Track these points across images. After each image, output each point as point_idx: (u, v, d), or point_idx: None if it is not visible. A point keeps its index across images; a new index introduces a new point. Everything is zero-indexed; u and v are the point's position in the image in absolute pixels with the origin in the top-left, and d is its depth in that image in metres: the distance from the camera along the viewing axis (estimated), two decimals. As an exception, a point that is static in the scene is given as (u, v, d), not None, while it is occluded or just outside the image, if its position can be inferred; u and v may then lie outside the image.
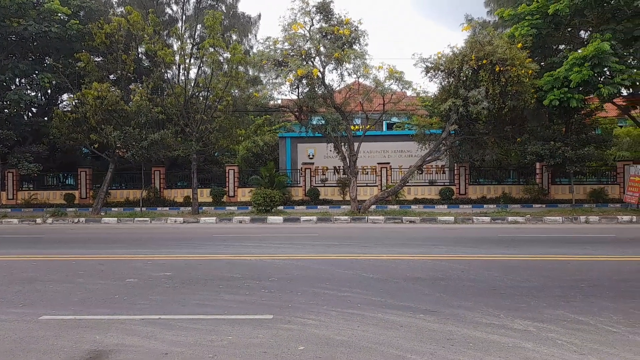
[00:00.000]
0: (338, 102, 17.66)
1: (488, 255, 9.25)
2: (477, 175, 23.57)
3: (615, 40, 16.57)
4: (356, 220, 16.38)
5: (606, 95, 16.21)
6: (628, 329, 4.93)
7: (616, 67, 15.86)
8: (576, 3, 16.53)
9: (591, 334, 4.81)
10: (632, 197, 17.30)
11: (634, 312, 5.50)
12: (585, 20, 19.08)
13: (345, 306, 5.88)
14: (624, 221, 15.58)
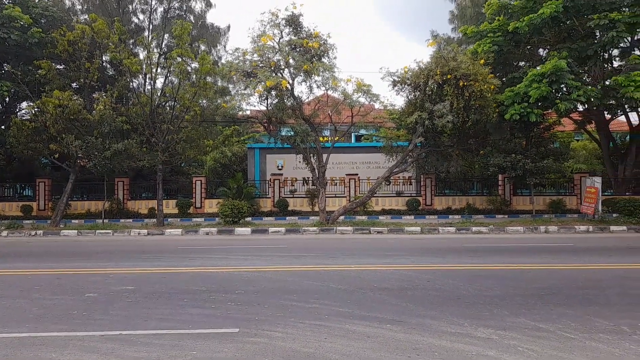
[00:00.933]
0: (307, 114, 17.75)
1: (453, 265, 9.43)
2: (442, 187, 24.07)
3: (571, 58, 17.40)
4: (325, 231, 16.40)
5: (563, 110, 16.94)
6: (585, 335, 5.11)
7: (572, 84, 16.63)
8: (535, 22, 17.29)
9: (550, 341, 4.96)
10: (588, 208, 18.05)
11: (590, 318, 5.71)
12: (544, 38, 20.00)
13: (313, 318, 5.85)
14: (581, 231, 16.22)
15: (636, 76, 15.85)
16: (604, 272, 8.62)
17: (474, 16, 28.80)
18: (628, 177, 22.15)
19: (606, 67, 20.41)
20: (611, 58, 20.73)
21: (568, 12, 17.34)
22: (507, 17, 19.58)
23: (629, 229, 16.21)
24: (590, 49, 17.62)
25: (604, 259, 10.04)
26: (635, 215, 17.36)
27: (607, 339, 4.99)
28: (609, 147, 23.60)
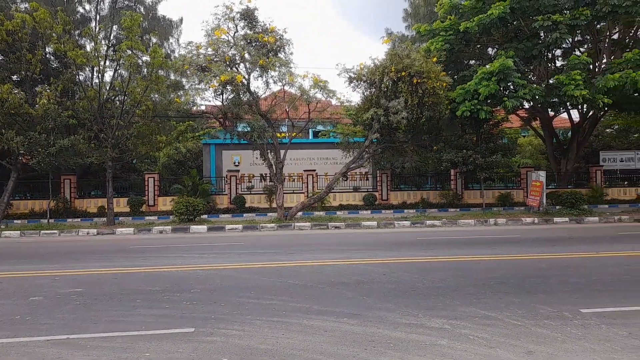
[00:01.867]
0: (264, 109, 17.59)
1: (408, 258, 9.65)
2: (398, 182, 24.57)
3: (518, 58, 18.17)
4: (283, 227, 16.35)
5: (510, 107, 17.69)
6: (530, 322, 5.38)
7: (519, 82, 17.39)
8: (484, 22, 17.92)
9: (499, 328, 5.18)
10: (533, 201, 18.98)
11: (536, 306, 6.01)
12: (492, 38, 20.78)
13: (270, 314, 5.83)
14: (527, 223, 17.04)
15: (576, 75, 16.77)
16: (548, 262, 9.09)
17: (427, 15, 29.53)
18: (570, 171, 23.46)
19: (550, 66, 21.51)
20: (554, 58, 21.85)
21: (515, 13, 18.08)
22: (458, 17, 20.19)
23: (570, 220, 17.19)
24: (535, 49, 18.47)
25: (548, 249, 10.60)
26: (576, 207, 18.43)
27: (550, 324, 5.27)
28: (552, 142, 24.89)
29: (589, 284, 7.10)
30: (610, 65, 17.86)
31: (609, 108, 20.47)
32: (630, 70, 16.33)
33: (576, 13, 17.20)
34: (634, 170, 24.88)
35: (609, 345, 4.62)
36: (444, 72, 17.60)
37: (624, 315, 5.54)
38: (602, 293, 6.59)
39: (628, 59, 16.71)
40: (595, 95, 16.90)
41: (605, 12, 16.86)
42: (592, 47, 21.50)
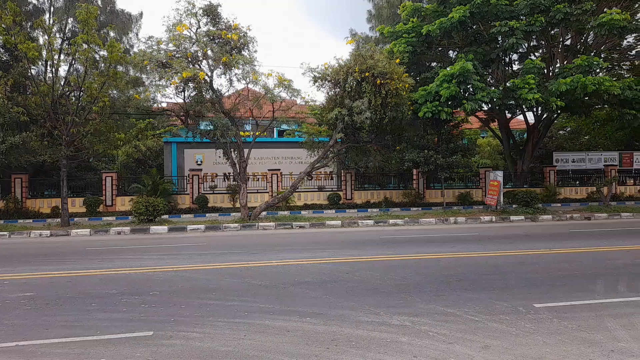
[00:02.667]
0: (227, 108, 17.33)
1: (371, 257, 9.76)
2: (362, 181, 24.81)
3: (477, 61, 18.73)
4: (246, 227, 16.18)
5: (469, 109, 18.21)
6: (487, 317, 5.55)
7: (478, 85, 17.92)
8: (445, 26, 18.37)
9: (458, 324, 5.32)
10: (491, 200, 19.62)
11: (492, 301, 6.21)
12: (453, 41, 21.33)
13: (232, 316, 5.75)
14: (485, 221, 17.58)
15: (530, 79, 17.45)
16: (504, 259, 9.42)
17: (390, 17, 29.98)
18: (525, 171, 24.40)
19: (507, 70, 22.28)
20: (511, 62, 22.66)
21: (474, 18, 18.62)
22: (421, 20, 20.61)
23: (525, 219, 17.87)
24: (494, 53, 19.10)
25: (505, 247, 10.97)
26: (531, 206, 19.17)
27: (505, 319, 5.46)
28: (509, 143, 25.81)
29: (543, 280, 7.40)
30: (563, 70, 18.69)
31: (561, 111, 21.42)
32: (580, 75, 17.13)
33: (531, 19, 17.89)
34: (584, 170, 26.15)
35: (559, 338, 4.83)
36: (406, 73, 17.89)
37: (574, 310, 5.81)
38: (554, 288, 6.88)
39: (578, 65, 17.54)
40: (549, 99, 17.64)
41: (558, 19, 17.63)
42: (546, 52, 22.43)
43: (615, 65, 22.79)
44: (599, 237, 12.57)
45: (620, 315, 5.55)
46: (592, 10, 17.50)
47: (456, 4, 18.73)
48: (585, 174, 25.95)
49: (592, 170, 25.61)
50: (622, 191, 24.98)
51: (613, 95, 17.71)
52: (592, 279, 7.36)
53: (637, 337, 4.82)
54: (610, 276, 7.57)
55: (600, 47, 21.11)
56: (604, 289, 6.77)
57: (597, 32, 17.62)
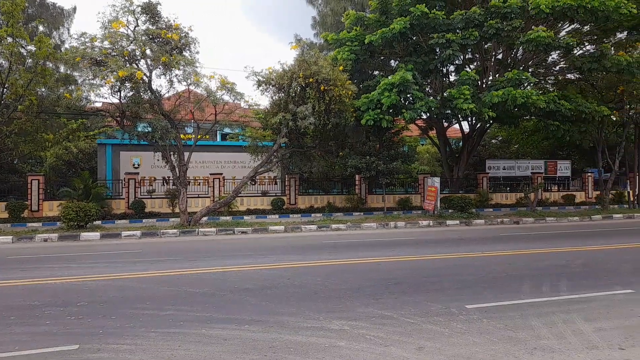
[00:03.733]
0: (167, 109, 16.76)
1: (313, 262, 9.78)
2: (306, 186, 24.86)
3: (417, 71, 19.41)
4: (186, 233, 15.69)
5: (409, 118, 18.82)
6: (422, 319, 5.71)
7: (417, 95, 18.57)
8: (386, 36, 18.89)
9: (394, 327, 5.43)
10: (429, 205, 20.36)
11: (428, 303, 6.41)
12: (394, 51, 21.97)
13: (167, 325, 5.53)
14: (423, 225, 18.20)
15: (465, 90, 18.33)
16: (440, 262, 9.78)
17: (334, 24, 30.43)
18: (461, 177, 25.54)
19: (444, 80, 23.27)
20: (448, 73, 23.68)
21: (414, 29, 19.30)
22: (364, 29, 21.07)
23: (460, 223, 18.69)
24: (432, 64, 19.88)
25: (441, 250, 11.40)
26: (465, 211, 20.10)
27: (439, 321, 5.65)
28: (446, 151, 26.93)
29: (475, 282, 7.75)
30: (495, 82, 19.79)
31: (493, 121, 22.67)
32: (511, 88, 18.21)
33: (467, 33, 18.81)
34: (514, 177, 27.79)
35: (488, 338, 5.06)
36: (349, 80, 18.20)
37: (502, 309, 6.12)
38: (485, 289, 7.22)
39: (509, 78, 18.64)
40: (482, 109, 18.60)
41: (490, 34, 18.67)
42: (480, 65, 23.67)
43: (541, 79, 24.46)
44: (526, 240, 13.38)
45: (543, 314, 5.92)
46: (521, 27, 18.69)
47: (397, 16, 19.32)
48: (514, 181, 27.58)
49: (520, 177, 27.27)
50: (547, 197, 26.80)
51: (539, 108, 18.97)
52: (520, 280, 7.81)
53: (557, 335, 5.16)
54: (535, 277, 8.07)
55: (528, 62, 22.59)
56: (530, 290, 7.20)
57: (526, 48, 18.83)
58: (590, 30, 21.47)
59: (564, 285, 7.46)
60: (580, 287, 7.32)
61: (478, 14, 18.61)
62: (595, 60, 19.22)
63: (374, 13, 21.16)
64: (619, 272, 8.53)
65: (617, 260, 9.73)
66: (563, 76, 23.95)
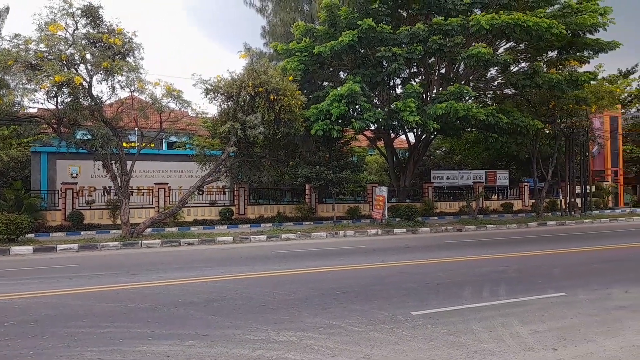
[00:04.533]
0: (109, 116, 16.06)
1: (261, 273, 9.65)
2: (256, 196, 24.60)
3: (365, 83, 19.85)
4: (128, 245, 15.02)
5: (357, 128, 19.17)
6: (369, 327, 5.77)
7: (365, 106, 18.96)
8: (335, 48, 19.20)
9: (342, 336, 5.44)
10: (377, 214, 20.76)
11: (375, 311, 6.49)
12: (343, 63, 22.36)
13: (104, 344, 5.24)
14: (372, 234, 18.50)
15: (411, 102, 18.94)
16: (388, 270, 9.95)
17: (284, 34, 30.55)
18: (407, 187, 26.25)
19: (391, 93, 23.94)
20: (395, 85, 24.39)
21: (362, 42, 19.75)
22: (313, 40, 21.31)
23: (407, 231, 19.17)
24: (379, 76, 20.41)
25: (388, 258, 11.62)
26: (412, 219, 20.64)
27: (386, 328, 5.73)
28: (393, 161, 27.62)
29: (420, 288, 7.95)
30: (439, 95, 20.60)
31: (438, 132, 23.53)
32: (453, 101, 19.02)
33: (412, 48, 19.49)
34: (457, 186, 28.93)
35: (432, 343, 5.19)
36: (299, 91, 18.28)
37: (445, 315, 6.30)
38: (430, 296, 7.41)
39: (452, 92, 19.46)
40: (427, 121, 19.27)
41: (434, 49, 19.44)
42: (425, 78, 24.57)
43: (481, 94, 25.74)
44: (468, 247, 13.92)
45: (484, 318, 6.15)
46: (463, 43, 19.62)
47: (345, 28, 19.71)
48: (457, 190, 28.71)
49: (463, 187, 28.44)
50: (488, 205, 28.09)
51: (479, 121, 19.93)
52: (462, 286, 8.09)
53: (497, 338, 5.37)
54: (476, 283, 8.39)
55: (469, 77, 23.72)
56: (471, 295, 7.47)
57: (467, 63, 19.77)
58: (525, 48, 22.90)
59: (503, 290, 7.81)
60: (517, 291, 7.69)
61: (422, 30, 19.34)
62: (529, 77, 20.50)
63: (323, 25, 21.47)
64: (552, 277, 9.05)
65: (550, 265, 10.33)
66: (501, 91, 25.31)
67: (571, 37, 20.62)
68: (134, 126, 17.48)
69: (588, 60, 22.45)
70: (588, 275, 9.05)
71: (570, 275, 9.07)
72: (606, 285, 8.11)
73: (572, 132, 26.58)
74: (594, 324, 5.88)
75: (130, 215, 16.60)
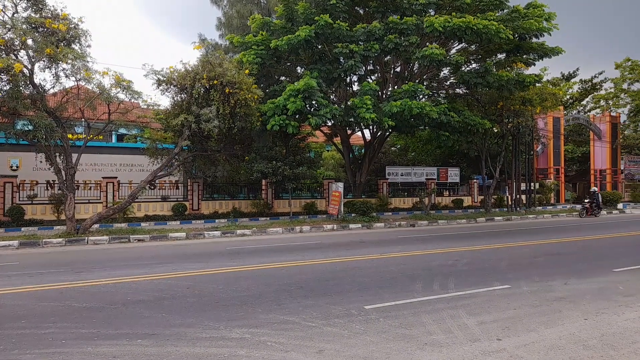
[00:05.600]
0: (53, 106, 15.22)
1: (215, 269, 9.48)
2: (211, 191, 24.12)
3: (322, 79, 19.86)
4: (74, 242, 14.33)
5: (314, 124, 19.18)
6: (323, 322, 5.80)
7: (322, 102, 18.99)
8: (292, 43, 19.09)
9: (295, 331, 5.44)
10: (333, 209, 20.91)
11: (329, 306, 6.52)
12: (300, 58, 22.28)
13: (46, 345, 4.97)
14: (328, 229, 18.62)
15: (367, 100, 19.16)
16: (342, 264, 10.04)
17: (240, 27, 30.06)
18: (363, 182, 26.59)
19: (348, 89, 24.13)
20: (351, 82, 24.60)
21: (319, 38, 19.76)
22: (270, 34, 21.09)
23: (362, 226, 19.44)
24: (336, 73, 20.49)
25: (343, 253, 11.73)
26: (367, 215, 20.95)
27: (340, 323, 5.77)
28: (350, 157, 27.89)
29: (374, 283, 8.07)
30: (394, 93, 20.97)
31: (393, 130, 23.97)
32: (408, 99, 19.42)
33: (368, 46, 19.71)
34: (411, 183, 29.63)
35: (384, 337, 5.28)
36: (255, 85, 18.05)
37: (398, 309, 6.44)
38: (383, 290, 7.55)
39: (406, 90, 19.86)
40: (382, 118, 19.58)
41: (390, 48, 19.75)
42: (381, 76, 24.94)
43: (434, 93, 26.45)
44: (421, 242, 14.29)
45: (433, 311, 6.33)
46: (417, 43, 20.05)
47: (303, 23, 19.64)
48: (411, 186, 29.41)
49: (416, 183, 29.16)
50: (440, 201, 28.97)
51: (432, 119, 20.44)
52: (414, 280, 8.29)
53: (446, 330, 5.55)
54: (428, 277, 8.62)
55: (423, 76, 24.29)
56: (422, 289, 7.67)
57: (421, 63, 20.22)
58: (476, 50, 23.71)
59: (452, 283, 8.07)
60: (466, 284, 7.98)
61: (378, 28, 19.59)
62: (481, 76, 21.24)
63: (280, 19, 21.30)
64: (498, 270, 9.46)
65: (496, 259, 10.79)
66: (453, 90, 26.11)
67: (518, 40, 21.54)
68: (80, 117, 16.65)
69: (534, 63, 23.55)
70: (531, 268, 9.52)
71: (515, 268, 9.51)
72: (547, 277, 8.57)
73: (518, 131, 27.84)
74: (535, 314, 6.19)
75: (76, 211, 15.85)
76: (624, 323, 5.79)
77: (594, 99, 44.23)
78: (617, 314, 6.17)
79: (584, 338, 5.25)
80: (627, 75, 37.44)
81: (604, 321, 5.87)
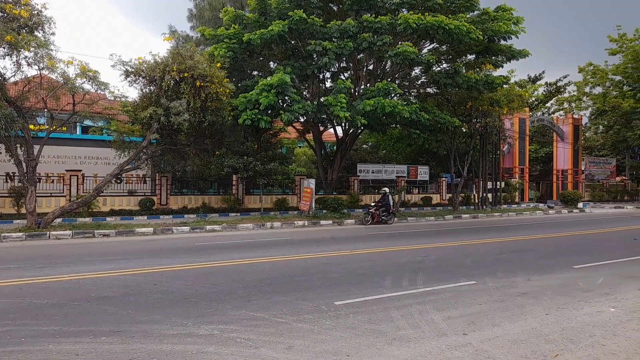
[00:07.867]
0: (13, 96, 14.59)
1: (183, 265, 9.32)
2: (180, 186, 23.69)
3: (295, 75, 19.78)
4: (34, 237, 13.80)
5: (286, 120, 19.09)
6: (293, 318, 5.79)
7: (294, 97, 18.91)
8: (265, 37, 18.93)
9: (265, 328, 5.41)
10: (305, 205, 20.90)
11: (299, 302, 6.52)
12: (273, 53, 22.13)
13: (4, 344, 4.79)
14: (299, 225, 18.60)
15: (342, 98, 19.19)
16: (313, 261, 10.05)
17: (212, 19, 29.58)
18: (335, 179, 26.71)
19: (321, 86, 24.12)
20: (325, 79, 24.61)
21: (292, 34, 19.66)
22: (242, 27, 20.84)
23: (333, 223, 19.52)
24: (309, 69, 20.44)
25: (314, 249, 11.74)
26: (338, 211, 21.05)
27: (309, 318, 5.78)
28: (322, 154, 27.94)
29: (344, 279, 8.12)
30: (366, 91, 21.10)
31: (365, 127, 24.14)
32: (381, 97, 19.57)
33: (342, 43, 19.74)
34: (381, 180, 29.96)
35: (354, 332, 5.32)
36: (227, 78, 17.81)
37: (367, 304, 6.50)
38: (353, 286, 7.60)
39: (379, 88, 20.02)
40: (355, 116, 19.68)
41: (364, 46, 19.84)
42: (354, 74, 25.04)
43: (406, 92, 26.77)
44: (390, 238, 14.47)
45: (402, 306, 6.42)
46: (390, 42, 20.23)
47: (276, 18, 19.49)
48: (382, 184, 29.71)
49: (387, 180, 29.50)
50: (409, 199, 29.40)
51: (404, 117, 20.68)
52: (383, 276, 8.39)
53: (413, 325, 5.63)
54: (396, 273, 8.74)
55: (395, 75, 24.54)
56: (391, 284, 7.77)
57: (394, 61, 20.42)
58: (447, 50, 24.12)
59: (420, 279, 8.21)
60: (433, 280, 8.13)
61: (352, 26, 19.64)
62: (450, 77, 21.64)
63: (253, 13, 21.08)
64: (464, 266, 9.68)
65: (463, 255, 11.04)
66: (424, 90, 26.49)
67: (488, 42, 22.03)
68: (42, 107, 16.01)
69: (502, 64, 24.16)
70: (496, 265, 9.79)
71: (481, 265, 9.75)
72: (511, 273, 8.83)
73: (486, 131, 28.53)
74: (499, 309, 6.37)
75: (38, 204, 15.28)
76: (582, 318, 6.03)
77: (558, 102, 45.78)
78: (576, 309, 6.42)
79: (545, 332, 5.43)
80: (589, 79, 38.90)
81: (564, 316, 6.09)
